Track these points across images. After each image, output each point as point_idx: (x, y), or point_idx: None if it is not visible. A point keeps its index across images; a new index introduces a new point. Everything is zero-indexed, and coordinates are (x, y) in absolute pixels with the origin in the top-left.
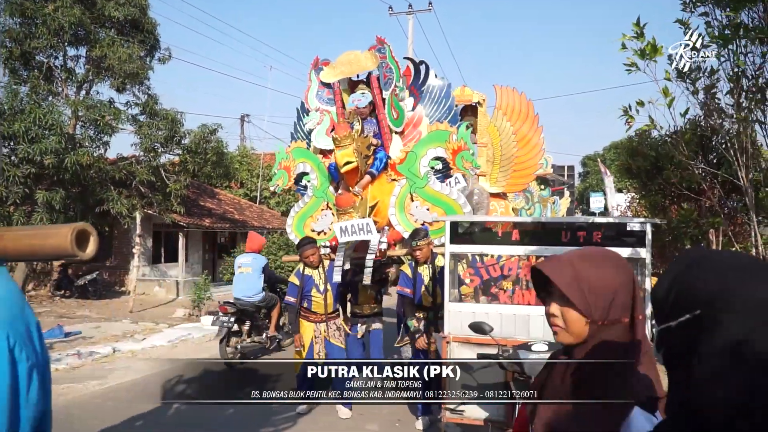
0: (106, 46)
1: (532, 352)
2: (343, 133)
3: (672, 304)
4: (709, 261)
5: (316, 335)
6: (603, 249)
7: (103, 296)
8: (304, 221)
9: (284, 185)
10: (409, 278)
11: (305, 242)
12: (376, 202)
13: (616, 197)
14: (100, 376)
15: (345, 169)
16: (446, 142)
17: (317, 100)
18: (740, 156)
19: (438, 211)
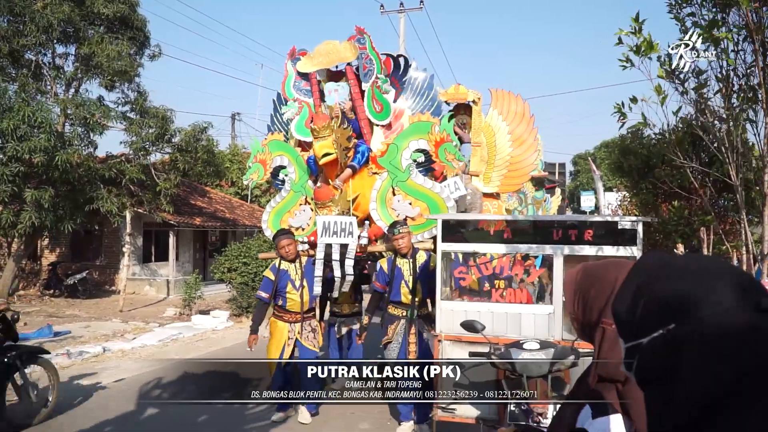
0: (95, 44)
1: (523, 350)
2: (322, 124)
3: (640, 318)
4: (676, 269)
5: (290, 336)
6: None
7: (93, 295)
8: (281, 217)
9: (259, 179)
10: (385, 273)
11: (281, 233)
12: (357, 196)
13: (607, 196)
14: (89, 375)
15: (324, 161)
16: (428, 133)
17: (294, 91)
18: (731, 155)
19: (420, 206)
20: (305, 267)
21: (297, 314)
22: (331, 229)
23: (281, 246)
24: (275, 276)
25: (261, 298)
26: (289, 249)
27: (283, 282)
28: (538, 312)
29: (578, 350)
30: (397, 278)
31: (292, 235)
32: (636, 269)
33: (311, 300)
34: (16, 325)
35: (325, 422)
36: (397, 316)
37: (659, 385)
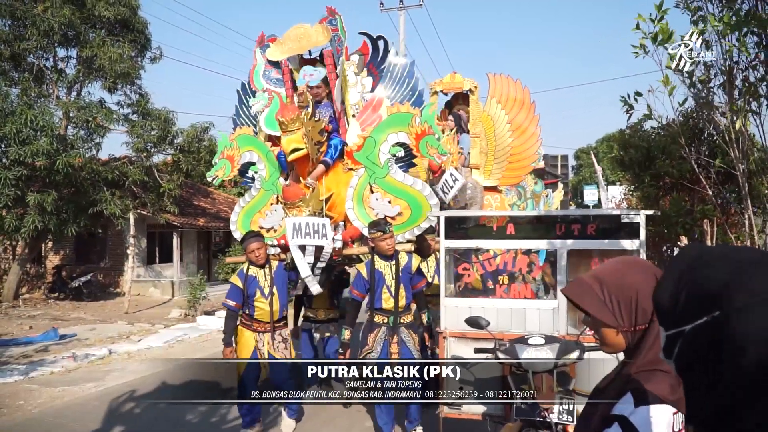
0: (96, 47)
1: (529, 345)
2: (291, 116)
3: (683, 306)
4: (716, 258)
5: (259, 347)
6: (622, 258)
7: (98, 298)
8: (251, 217)
9: (226, 176)
10: (364, 279)
11: (250, 235)
12: (331, 195)
13: (611, 190)
14: (96, 378)
15: (292, 157)
16: (408, 125)
17: (264, 81)
18: (735, 146)
19: (401, 204)
20: (275, 273)
21: (266, 324)
22: (302, 230)
23: (250, 250)
24: (243, 282)
25: (228, 306)
26: (258, 253)
27: (251, 289)
28: (542, 307)
29: (583, 345)
30: (378, 283)
31: (261, 238)
32: (677, 259)
33: (282, 308)
34: None
35: (332, 419)
36: (377, 324)
37: (701, 370)
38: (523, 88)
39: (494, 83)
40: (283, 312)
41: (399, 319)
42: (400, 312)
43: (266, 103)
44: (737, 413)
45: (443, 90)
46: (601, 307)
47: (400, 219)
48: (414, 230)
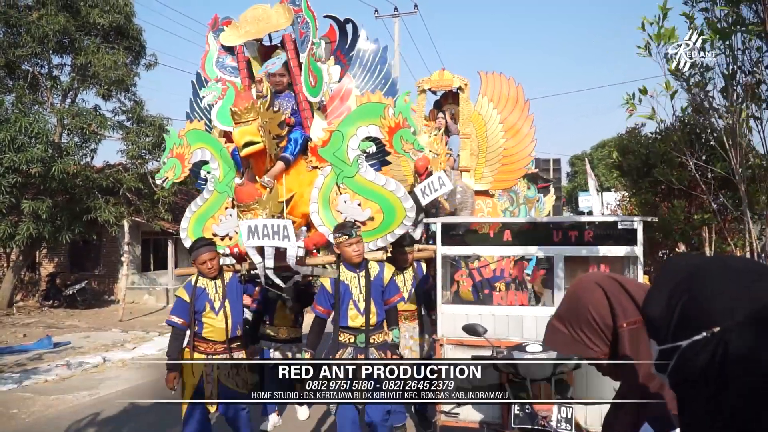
0: (91, 54)
1: (526, 353)
2: (245, 105)
3: (678, 321)
4: (714, 270)
5: (208, 372)
6: (571, 285)
7: (92, 305)
8: (203, 223)
9: (176, 177)
10: (327, 293)
11: (200, 244)
12: (292, 196)
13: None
14: (90, 386)
15: (246, 151)
16: (380, 117)
17: (217, 69)
18: (734, 151)
19: (372, 207)
20: (228, 285)
21: (219, 344)
22: (260, 231)
23: (201, 261)
24: (190, 296)
25: (173, 324)
26: (211, 265)
27: (199, 303)
28: (539, 314)
29: None
30: (344, 297)
31: (213, 247)
32: (668, 272)
33: (235, 326)
34: None
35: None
36: (343, 344)
37: (701, 387)
38: (516, 86)
39: (486, 81)
40: (237, 330)
41: (369, 338)
42: (370, 330)
43: (219, 95)
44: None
45: (431, 88)
46: (575, 345)
47: (371, 224)
48: (387, 237)
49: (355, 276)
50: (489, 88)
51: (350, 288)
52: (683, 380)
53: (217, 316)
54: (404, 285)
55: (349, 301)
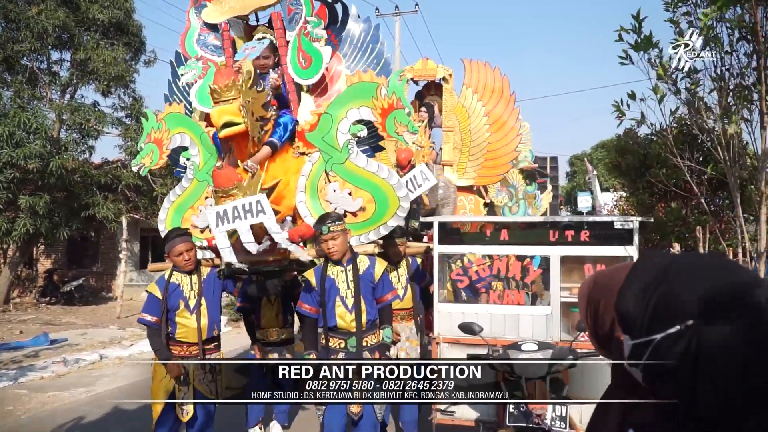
0: (90, 49)
1: (522, 351)
2: (225, 82)
3: (651, 316)
4: (686, 267)
5: (183, 377)
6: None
7: (90, 302)
8: (183, 214)
9: (153, 164)
10: (312, 289)
11: (174, 234)
12: (276, 183)
13: (603, 196)
14: (87, 383)
15: (225, 132)
16: (373, 98)
17: (198, 47)
18: (727, 153)
19: (363, 196)
20: (205, 281)
21: (191, 346)
22: (230, 215)
23: (176, 252)
24: (163, 293)
25: (145, 323)
26: (188, 257)
27: (172, 301)
28: (536, 313)
29: (576, 351)
30: (330, 294)
31: (189, 237)
32: (640, 268)
33: (212, 326)
34: None
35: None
36: (333, 350)
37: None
38: (502, 76)
39: (470, 71)
40: (213, 331)
41: (362, 341)
42: (362, 332)
43: (200, 74)
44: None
45: (414, 78)
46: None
47: (362, 215)
48: (379, 229)
49: (342, 270)
50: (473, 79)
51: (336, 283)
52: (656, 374)
53: (192, 315)
54: (399, 281)
55: (336, 298)
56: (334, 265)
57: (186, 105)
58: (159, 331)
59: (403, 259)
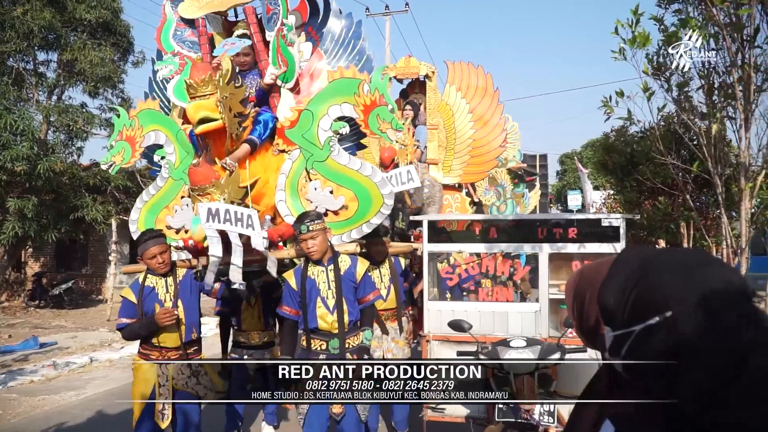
0: (77, 50)
1: (511, 348)
2: (201, 77)
3: (631, 308)
4: (666, 261)
5: (161, 381)
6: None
7: (79, 305)
8: (157, 214)
9: (124, 162)
10: (293, 291)
11: (148, 236)
12: (256, 181)
13: (592, 195)
14: (77, 386)
15: (202, 129)
16: (355, 94)
17: (175, 42)
18: (711, 151)
19: (345, 194)
20: (182, 283)
21: (170, 351)
22: (221, 215)
23: (150, 255)
24: (138, 297)
25: (124, 328)
26: (162, 259)
27: (148, 304)
28: (524, 310)
29: (564, 347)
30: (311, 295)
31: (163, 239)
32: (620, 262)
33: (190, 329)
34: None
35: None
36: (314, 352)
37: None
38: (486, 74)
39: (453, 70)
40: (192, 334)
41: (344, 343)
42: (345, 333)
43: (176, 69)
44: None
45: (397, 76)
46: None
47: (344, 214)
48: (362, 228)
49: (323, 270)
50: (456, 77)
51: (317, 284)
52: (636, 365)
53: None
54: (381, 281)
55: (317, 298)
56: (315, 265)
57: (162, 102)
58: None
59: (387, 258)
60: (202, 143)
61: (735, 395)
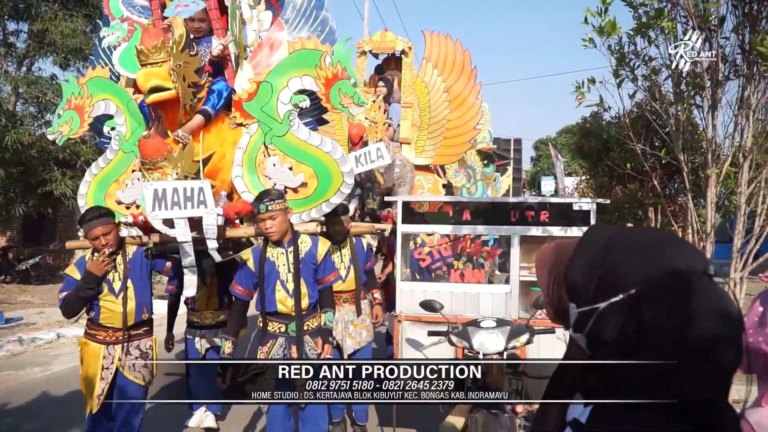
0: (48, 21)
1: (481, 328)
2: (153, 43)
3: (597, 285)
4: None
5: (106, 365)
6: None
7: (47, 281)
8: (106, 188)
9: (72, 133)
10: (250, 271)
11: (91, 215)
12: (211, 155)
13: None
14: (43, 362)
15: (153, 98)
16: (316, 67)
17: (124, 7)
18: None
19: (305, 171)
20: (131, 261)
21: (117, 331)
22: (168, 198)
23: (93, 236)
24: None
25: (62, 302)
26: (106, 240)
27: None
28: (495, 291)
29: (533, 328)
30: (269, 277)
31: (110, 218)
32: (587, 241)
33: (140, 310)
34: None
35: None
36: (272, 334)
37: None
38: (463, 50)
39: (431, 43)
40: (143, 315)
41: (303, 325)
42: (303, 316)
43: (124, 36)
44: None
45: (372, 50)
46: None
47: (303, 191)
48: (322, 206)
49: (282, 252)
50: (434, 53)
51: (277, 266)
52: (600, 341)
53: (117, 299)
54: (342, 262)
55: (276, 282)
56: (275, 246)
57: (113, 70)
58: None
59: (348, 238)
60: (153, 114)
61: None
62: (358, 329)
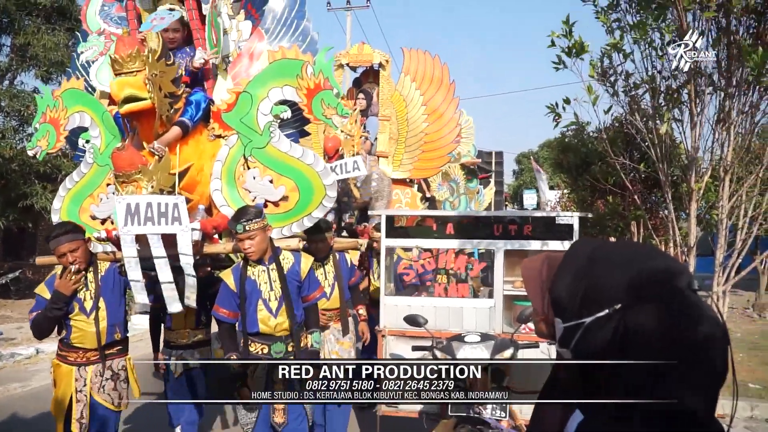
0: (30, 34)
1: (465, 343)
2: (128, 51)
3: (581, 299)
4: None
5: (79, 388)
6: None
7: (26, 296)
8: (80, 203)
9: (50, 148)
10: (231, 292)
11: (59, 232)
12: (188, 168)
13: (548, 194)
14: (22, 378)
15: (127, 108)
16: (297, 77)
17: (101, 19)
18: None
19: (286, 184)
20: (104, 279)
21: (88, 352)
22: (141, 214)
23: (60, 253)
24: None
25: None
26: (73, 258)
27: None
28: (479, 306)
29: (518, 342)
30: (251, 297)
31: (79, 234)
32: (571, 256)
33: (112, 329)
34: None
35: None
36: (254, 356)
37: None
38: (442, 65)
39: (409, 59)
40: (115, 334)
41: (287, 347)
42: (288, 337)
43: (102, 50)
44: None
45: (350, 63)
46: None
47: (285, 205)
48: (303, 221)
49: (264, 270)
50: (412, 67)
51: (258, 284)
52: (586, 355)
53: (89, 318)
54: (326, 279)
55: (258, 301)
56: (255, 264)
57: (86, 80)
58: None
59: (331, 255)
60: (129, 126)
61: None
62: (346, 348)
